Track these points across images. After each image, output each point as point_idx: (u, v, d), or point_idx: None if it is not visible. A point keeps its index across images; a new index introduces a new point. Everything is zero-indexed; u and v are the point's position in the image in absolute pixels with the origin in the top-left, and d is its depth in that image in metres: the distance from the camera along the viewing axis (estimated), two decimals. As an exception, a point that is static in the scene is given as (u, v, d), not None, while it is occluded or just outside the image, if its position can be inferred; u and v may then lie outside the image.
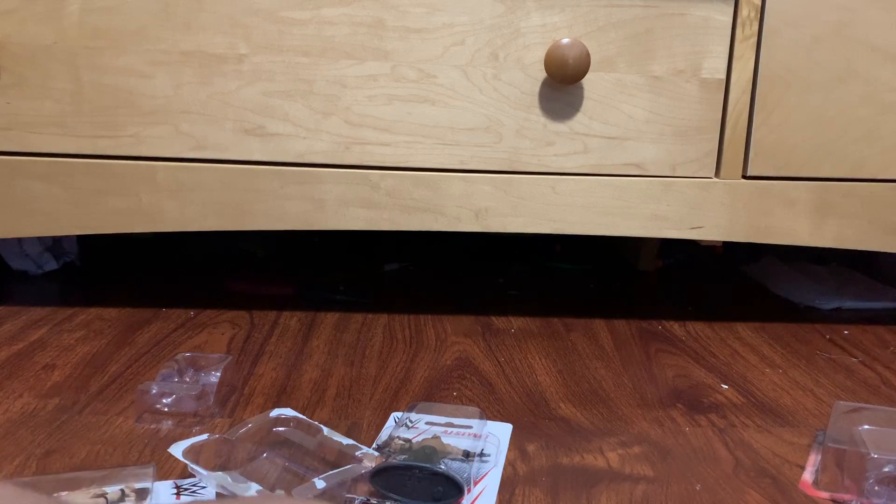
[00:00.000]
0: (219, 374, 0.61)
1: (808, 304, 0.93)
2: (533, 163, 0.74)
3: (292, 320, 0.81)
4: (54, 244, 0.97)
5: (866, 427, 0.52)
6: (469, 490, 0.48)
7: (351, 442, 0.50)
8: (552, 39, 0.71)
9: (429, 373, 0.68)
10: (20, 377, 0.64)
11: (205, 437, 0.53)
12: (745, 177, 0.76)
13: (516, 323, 0.83)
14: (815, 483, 0.51)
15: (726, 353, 0.76)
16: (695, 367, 0.72)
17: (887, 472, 0.48)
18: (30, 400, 0.60)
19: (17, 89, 0.69)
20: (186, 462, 0.49)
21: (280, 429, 0.53)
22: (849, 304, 0.92)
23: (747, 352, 0.76)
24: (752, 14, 0.72)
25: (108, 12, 0.68)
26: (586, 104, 0.73)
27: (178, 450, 0.51)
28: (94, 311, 0.81)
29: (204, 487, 0.47)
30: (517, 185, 0.74)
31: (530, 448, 0.55)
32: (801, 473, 0.53)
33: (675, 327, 0.83)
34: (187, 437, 0.53)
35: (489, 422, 0.58)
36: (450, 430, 0.54)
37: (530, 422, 0.59)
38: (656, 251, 1.09)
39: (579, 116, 0.73)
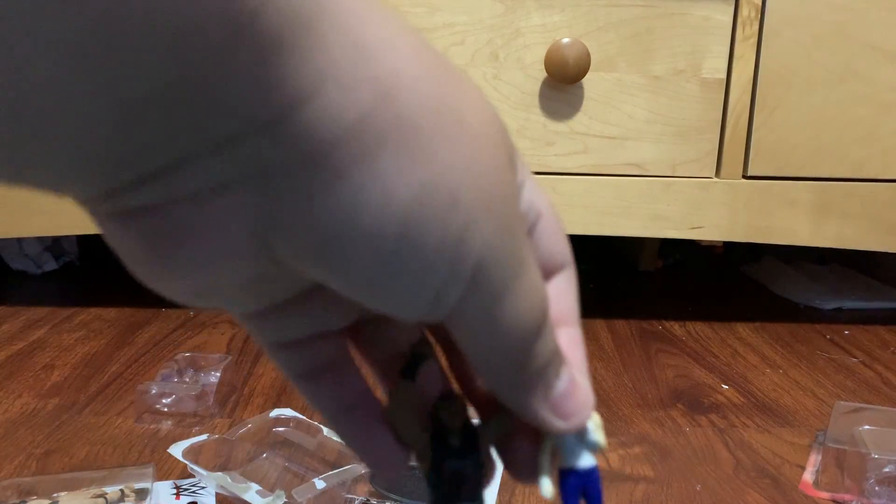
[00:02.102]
0: (218, 374, 0.60)
1: (808, 304, 0.92)
2: (533, 163, 0.74)
3: (292, 320, 0.80)
4: (54, 244, 0.97)
5: (866, 427, 0.52)
6: (469, 490, 0.47)
7: (351, 442, 0.50)
8: (552, 39, 0.71)
9: (429, 373, 0.68)
10: (20, 377, 0.64)
11: (205, 437, 0.53)
12: (745, 177, 0.75)
13: (516, 323, 0.82)
14: (816, 483, 0.51)
15: (726, 353, 0.76)
16: (695, 367, 0.72)
17: (887, 472, 0.48)
18: (30, 400, 0.60)
19: (16, 89, 0.69)
20: (186, 462, 0.49)
21: (280, 429, 0.53)
22: (849, 304, 0.92)
23: (747, 352, 0.76)
24: (753, 14, 0.72)
25: (108, 12, 0.68)
26: (586, 104, 0.73)
27: (177, 450, 0.51)
28: (93, 311, 0.81)
29: (204, 487, 0.47)
30: (517, 185, 0.73)
31: (530, 448, 0.55)
32: (802, 474, 0.53)
33: (675, 327, 0.83)
34: (187, 437, 0.53)
35: (489, 422, 0.58)
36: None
37: (530, 422, 0.59)
38: (656, 251, 1.09)
39: (579, 116, 0.73)
